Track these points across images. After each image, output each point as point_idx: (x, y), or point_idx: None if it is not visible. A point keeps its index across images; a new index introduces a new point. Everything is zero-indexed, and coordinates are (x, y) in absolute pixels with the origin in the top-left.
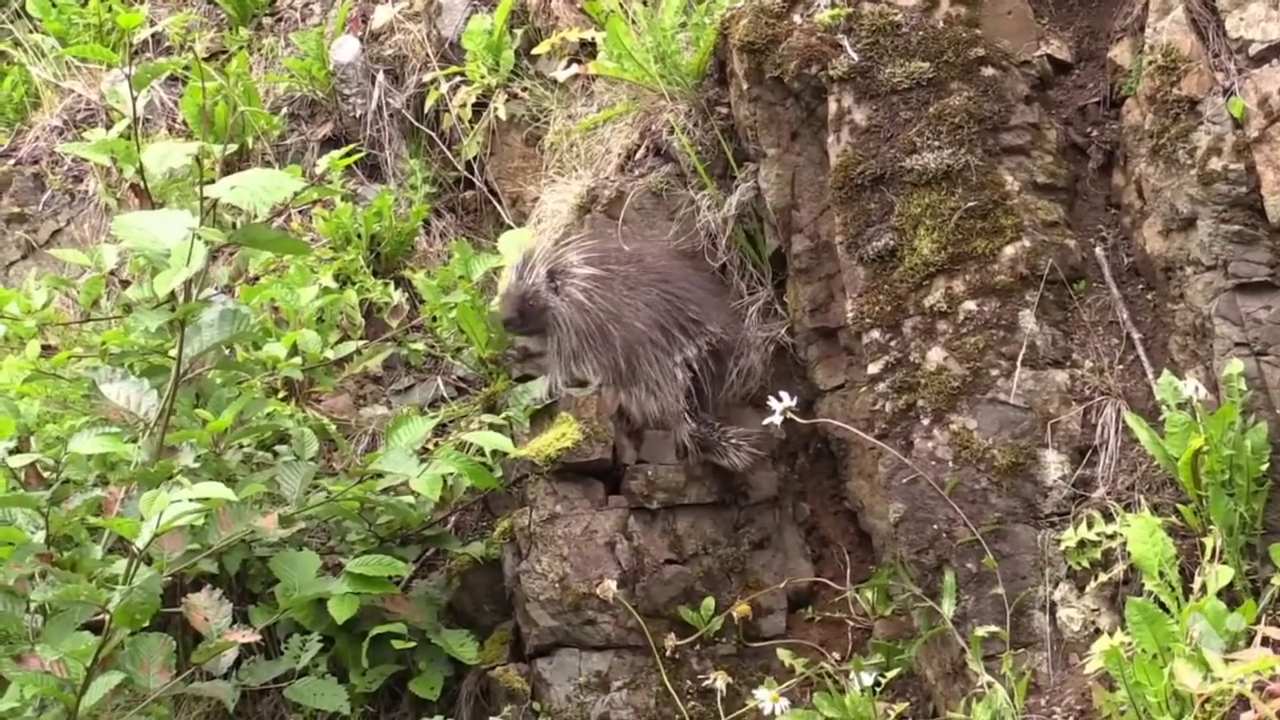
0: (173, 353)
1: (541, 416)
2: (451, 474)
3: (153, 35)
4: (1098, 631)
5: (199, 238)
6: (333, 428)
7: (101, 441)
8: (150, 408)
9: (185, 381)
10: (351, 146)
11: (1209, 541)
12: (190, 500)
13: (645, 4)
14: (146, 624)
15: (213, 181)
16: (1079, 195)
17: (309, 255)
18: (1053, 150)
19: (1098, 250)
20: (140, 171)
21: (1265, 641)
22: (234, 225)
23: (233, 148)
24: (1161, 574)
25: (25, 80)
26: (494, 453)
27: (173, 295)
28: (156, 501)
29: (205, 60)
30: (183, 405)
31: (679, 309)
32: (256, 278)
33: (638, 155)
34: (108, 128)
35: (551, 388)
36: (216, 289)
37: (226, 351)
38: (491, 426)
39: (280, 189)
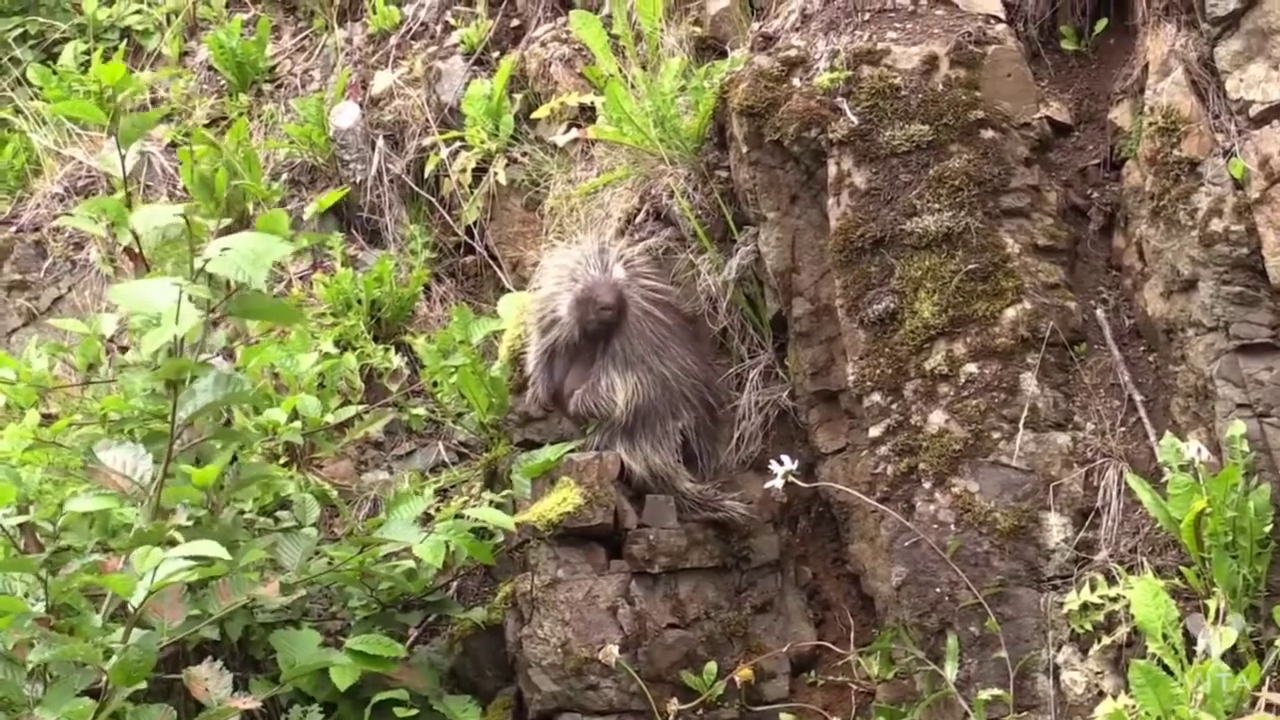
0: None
1: (542, 481)
2: (453, 541)
3: (152, 101)
4: (1101, 694)
5: (188, 296)
6: (334, 493)
7: (98, 500)
8: (146, 472)
9: (186, 448)
10: (341, 191)
11: (1212, 604)
12: (184, 558)
13: (645, 68)
14: (144, 685)
15: (204, 244)
16: (1080, 257)
17: (302, 322)
18: (1053, 212)
19: (1099, 312)
20: (135, 235)
21: (1269, 707)
22: (228, 285)
23: (228, 221)
24: (1165, 636)
25: (26, 148)
26: None
27: (170, 357)
28: (150, 558)
29: (205, 126)
30: (181, 472)
31: (690, 377)
32: (258, 340)
33: (638, 219)
34: (110, 195)
35: (606, 389)
36: (215, 353)
37: (226, 416)
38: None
39: (271, 253)
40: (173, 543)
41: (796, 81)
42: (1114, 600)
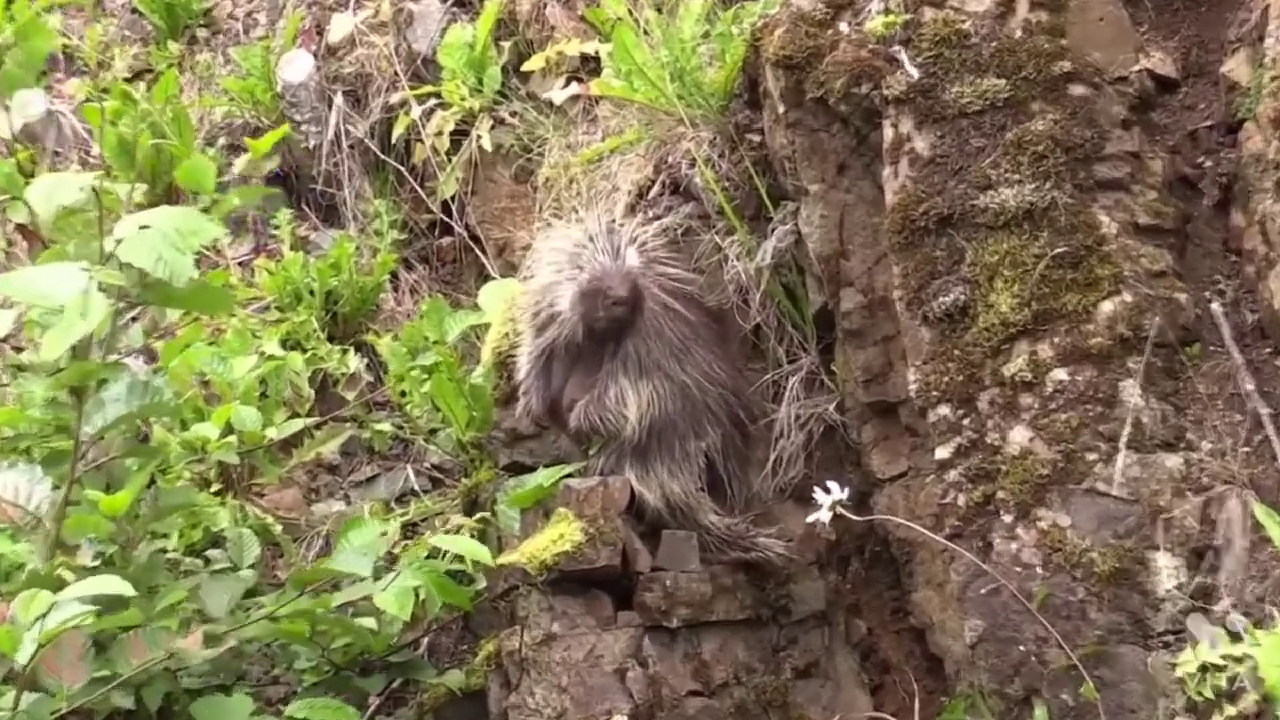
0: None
1: (534, 513)
2: (423, 586)
3: (64, 52)
4: None
5: (98, 286)
6: (278, 528)
7: None
8: (43, 499)
9: (93, 467)
10: (282, 130)
11: None
12: (80, 600)
13: (660, 11)
14: None
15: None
16: (1190, 239)
17: (230, 309)
18: (1157, 184)
19: (1215, 306)
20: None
21: None
22: (141, 275)
23: (143, 187)
24: None
25: None
26: (475, 560)
27: (74, 360)
28: (35, 603)
29: (127, 81)
30: (87, 499)
31: (717, 387)
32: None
33: (652, 193)
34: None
35: (615, 401)
36: (128, 352)
37: (143, 431)
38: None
39: (198, 233)
40: (63, 584)
41: (844, 27)
42: (1238, 660)
